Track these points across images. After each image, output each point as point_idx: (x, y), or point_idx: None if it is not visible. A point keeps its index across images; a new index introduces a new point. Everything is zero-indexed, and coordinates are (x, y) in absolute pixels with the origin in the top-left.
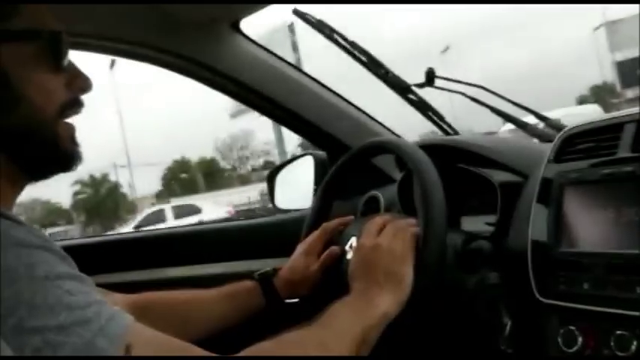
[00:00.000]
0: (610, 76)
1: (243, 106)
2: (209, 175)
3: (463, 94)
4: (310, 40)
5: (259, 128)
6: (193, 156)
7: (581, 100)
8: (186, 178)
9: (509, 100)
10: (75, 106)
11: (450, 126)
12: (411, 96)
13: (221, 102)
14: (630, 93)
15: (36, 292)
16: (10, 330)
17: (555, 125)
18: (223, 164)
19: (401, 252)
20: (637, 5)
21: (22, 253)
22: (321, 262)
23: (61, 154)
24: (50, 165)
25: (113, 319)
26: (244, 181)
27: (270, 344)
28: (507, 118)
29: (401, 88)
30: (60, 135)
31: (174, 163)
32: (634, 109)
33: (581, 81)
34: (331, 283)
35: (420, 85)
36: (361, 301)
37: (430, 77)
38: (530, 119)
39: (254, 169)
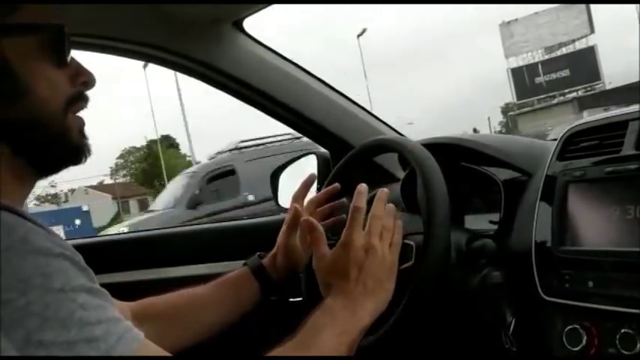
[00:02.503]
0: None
1: None
2: None
3: None
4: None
5: None
6: None
7: (505, 109)
8: None
9: None
10: (80, 100)
11: None
12: None
13: None
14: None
15: (49, 304)
16: (17, 341)
17: None
18: None
19: (391, 262)
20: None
21: (39, 261)
22: (303, 235)
23: (71, 147)
24: (59, 158)
25: (122, 339)
26: None
27: None
28: None
29: None
30: (69, 128)
31: None
32: (635, 107)
33: None
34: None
35: None
36: (345, 311)
37: None
38: None
39: None
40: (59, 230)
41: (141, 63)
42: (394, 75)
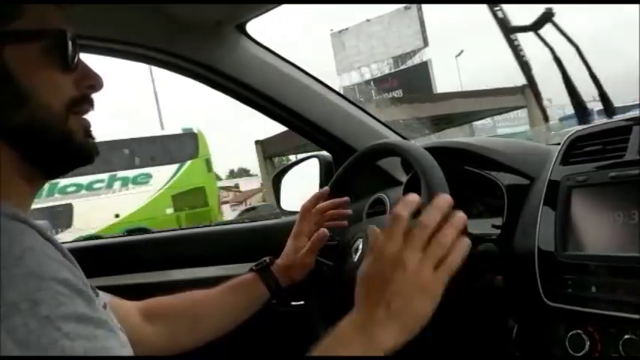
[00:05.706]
0: None
1: None
2: None
3: (553, 51)
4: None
5: None
6: None
7: None
8: None
9: (593, 76)
10: (84, 103)
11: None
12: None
13: None
14: None
15: (32, 330)
16: None
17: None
18: None
19: (429, 282)
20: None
21: (30, 285)
22: (310, 244)
23: (76, 149)
24: (65, 160)
25: None
26: None
27: None
28: (573, 94)
29: (505, 27)
30: (72, 130)
31: None
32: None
33: None
34: (334, 280)
35: (525, 29)
36: (360, 337)
37: (546, 18)
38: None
39: None
40: None
41: None
42: None
